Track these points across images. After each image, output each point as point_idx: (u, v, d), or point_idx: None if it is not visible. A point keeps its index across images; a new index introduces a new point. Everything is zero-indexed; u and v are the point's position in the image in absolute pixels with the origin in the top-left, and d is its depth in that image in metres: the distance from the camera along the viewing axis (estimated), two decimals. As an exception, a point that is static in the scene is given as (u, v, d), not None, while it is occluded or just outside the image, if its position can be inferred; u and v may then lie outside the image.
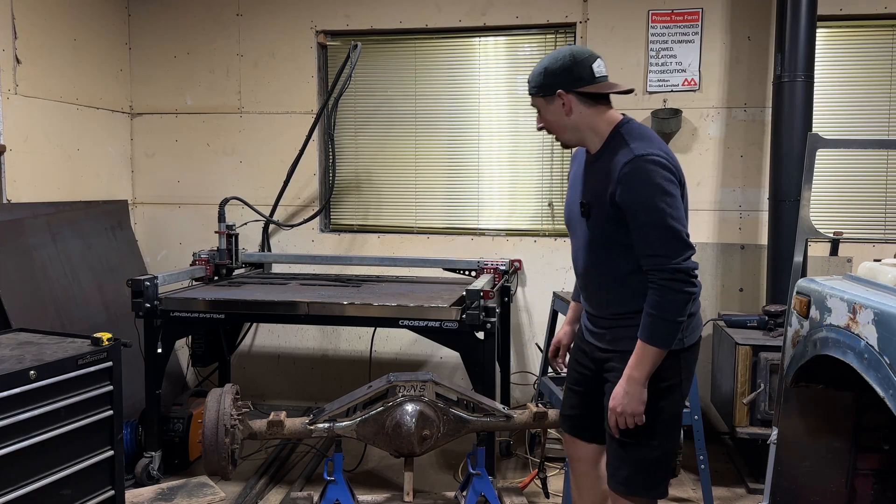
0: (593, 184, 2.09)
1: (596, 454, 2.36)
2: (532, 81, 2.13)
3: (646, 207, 1.95)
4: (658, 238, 1.95)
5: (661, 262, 1.95)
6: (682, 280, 1.94)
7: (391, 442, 3.03)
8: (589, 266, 2.18)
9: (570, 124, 2.11)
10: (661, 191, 1.95)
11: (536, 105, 2.14)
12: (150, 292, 3.49)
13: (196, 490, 3.47)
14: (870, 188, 4.26)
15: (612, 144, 2.07)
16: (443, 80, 4.68)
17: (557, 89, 2.06)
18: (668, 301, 1.95)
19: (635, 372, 1.99)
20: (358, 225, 4.87)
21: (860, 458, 2.34)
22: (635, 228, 1.98)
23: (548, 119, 2.14)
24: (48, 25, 4.18)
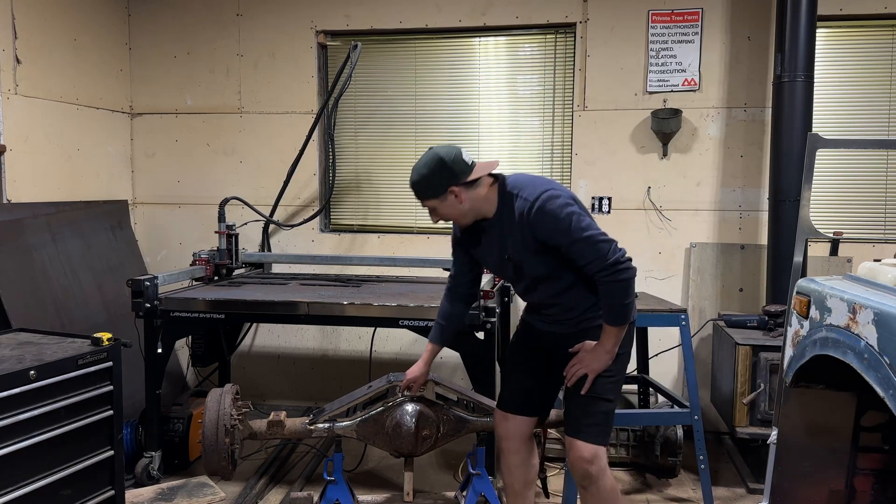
0: (510, 240, 2.39)
1: (527, 430, 2.68)
2: (420, 190, 2.42)
3: (561, 233, 2.28)
4: (583, 249, 2.28)
5: (597, 264, 2.27)
6: (618, 270, 2.27)
7: (391, 442, 3.03)
8: (544, 292, 2.47)
9: (465, 209, 2.41)
10: (563, 213, 2.28)
11: (430, 205, 2.44)
12: (150, 292, 3.49)
13: (196, 490, 3.47)
14: (870, 188, 4.26)
15: (506, 203, 2.38)
16: (443, 80, 4.68)
17: (448, 188, 2.37)
18: (616, 291, 2.30)
19: (609, 345, 2.38)
20: (358, 225, 4.87)
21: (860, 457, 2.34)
22: (564, 251, 2.31)
23: (445, 213, 2.43)
24: (48, 25, 4.18)
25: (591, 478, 2.44)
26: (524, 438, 2.69)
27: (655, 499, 3.54)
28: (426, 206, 2.45)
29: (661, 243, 4.42)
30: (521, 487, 2.73)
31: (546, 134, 4.58)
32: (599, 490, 2.46)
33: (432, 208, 2.44)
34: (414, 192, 2.44)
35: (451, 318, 2.78)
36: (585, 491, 2.50)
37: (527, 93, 4.61)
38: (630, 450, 3.82)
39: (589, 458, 2.42)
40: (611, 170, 4.43)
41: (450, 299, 2.77)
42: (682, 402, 3.45)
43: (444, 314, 2.79)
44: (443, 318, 2.79)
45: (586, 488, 2.48)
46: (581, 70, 4.42)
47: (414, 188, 2.43)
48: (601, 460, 2.44)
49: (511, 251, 2.40)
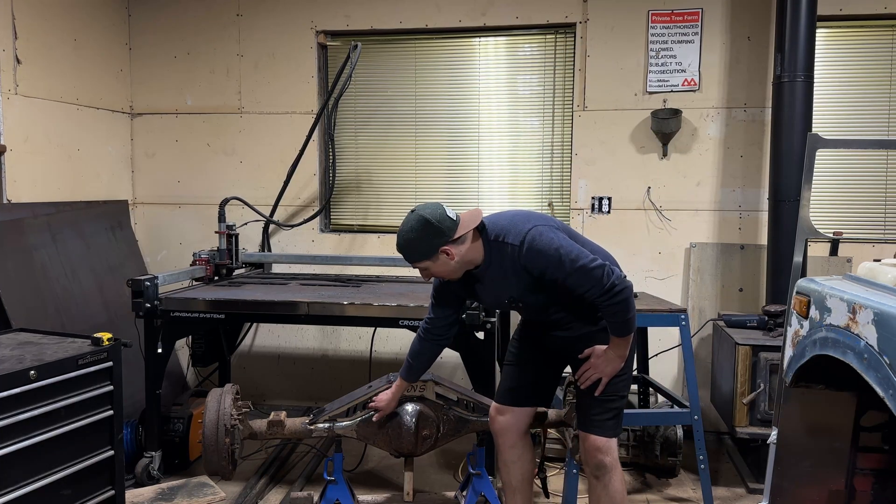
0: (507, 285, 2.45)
1: (524, 424, 2.73)
2: (411, 255, 2.40)
3: (555, 267, 2.32)
4: (579, 279, 2.32)
5: (595, 291, 2.32)
6: (616, 292, 2.32)
7: (391, 442, 3.03)
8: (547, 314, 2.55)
9: (456, 265, 2.41)
10: (552, 249, 2.32)
11: (422, 266, 2.42)
12: (151, 292, 3.49)
13: (196, 490, 3.47)
14: (870, 188, 4.26)
15: (494, 251, 2.41)
16: (443, 80, 4.68)
17: (439, 248, 2.35)
18: (617, 311, 2.36)
19: (618, 351, 2.44)
20: (358, 225, 4.87)
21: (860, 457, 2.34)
22: (561, 283, 2.35)
23: (438, 272, 2.44)
24: (48, 25, 4.18)
25: (605, 468, 2.52)
26: (520, 433, 2.72)
27: (655, 499, 3.54)
28: (417, 268, 2.44)
29: (661, 243, 4.42)
30: (519, 483, 2.75)
31: (546, 134, 4.58)
32: (612, 480, 2.54)
33: (424, 269, 2.43)
34: (404, 257, 2.42)
35: (421, 359, 2.79)
36: (598, 481, 2.55)
37: (527, 93, 4.61)
38: (630, 450, 3.82)
39: (604, 448, 2.51)
40: (611, 170, 4.43)
41: (421, 340, 2.75)
42: (682, 402, 3.45)
43: (414, 354, 2.78)
44: (412, 357, 2.79)
45: (599, 478, 2.54)
46: (581, 70, 4.42)
47: (403, 253, 2.41)
48: (614, 451, 2.54)
49: (512, 293, 2.48)
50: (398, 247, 2.40)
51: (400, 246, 2.40)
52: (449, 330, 2.74)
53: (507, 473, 2.76)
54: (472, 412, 3.11)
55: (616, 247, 4.45)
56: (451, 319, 2.72)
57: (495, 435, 2.76)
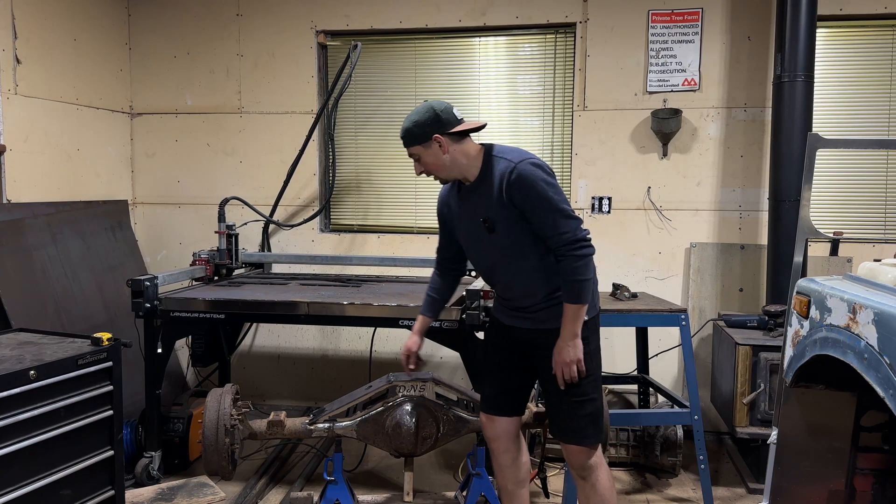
0: (487, 202, 2.43)
1: (514, 428, 2.71)
2: (408, 136, 2.46)
3: (539, 199, 2.35)
4: (556, 220, 2.35)
5: (565, 237, 2.35)
6: (583, 246, 2.36)
7: (391, 442, 3.04)
8: (509, 270, 2.51)
9: (448, 161, 2.45)
10: (544, 183, 2.36)
11: (415, 153, 2.47)
12: (150, 292, 3.48)
13: (196, 490, 3.47)
14: (870, 188, 4.26)
15: (489, 166, 2.44)
16: (443, 80, 4.68)
17: (433, 134, 2.42)
18: (579, 266, 2.36)
19: (573, 328, 2.40)
20: (358, 225, 4.87)
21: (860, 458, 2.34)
22: (536, 218, 2.37)
23: (427, 162, 2.46)
24: (48, 25, 4.18)
25: (590, 468, 2.52)
26: (512, 437, 2.72)
27: (655, 499, 3.54)
28: (412, 155, 2.48)
29: (661, 243, 4.42)
30: (514, 486, 2.75)
31: (546, 134, 4.58)
32: (599, 478, 2.53)
33: (416, 157, 2.47)
34: (403, 141, 2.47)
35: (441, 291, 2.82)
36: (585, 481, 2.54)
37: (527, 93, 4.62)
38: (630, 450, 3.83)
39: (586, 451, 2.51)
40: (611, 170, 4.43)
41: (439, 273, 2.82)
42: (682, 402, 3.45)
43: (435, 287, 2.82)
44: (434, 291, 2.82)
45: (585, 479, 2.54)
46: (581, 70, 4.42)
47: (403, 136, 2.47)
48: (598, 451, 2.54)
49: (487, 211, 2.44)
50: (401, 130, 2.47)
51: (402, 129, 2.46)
52: (459, 263, 2.78)
53: (502, 478, 2.76)
54: (472, 412, 3.11)
55: (616, 247, 4.47)
56: (459, 255, 2.74)
57: (488, 441, 2.77)
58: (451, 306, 3.32)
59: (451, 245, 2.73)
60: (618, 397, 4.38)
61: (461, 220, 2.58)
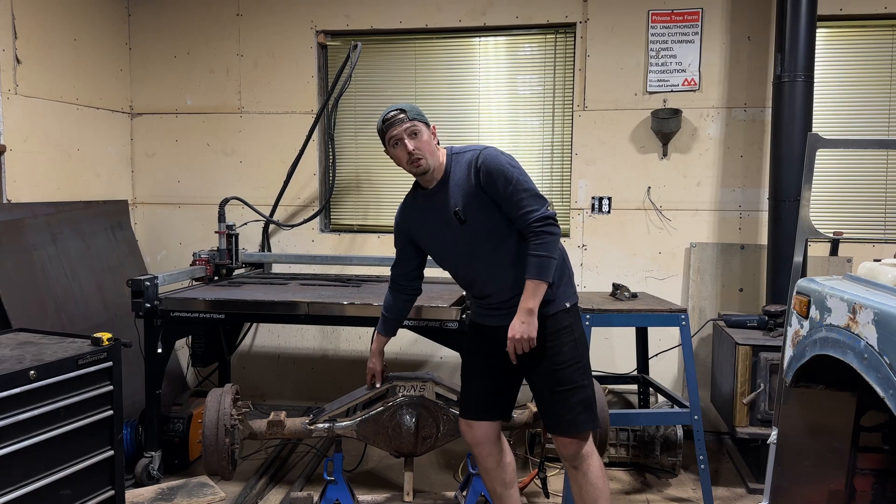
0: (456, 194, 2.51)
1: (494, 432, 2.71)
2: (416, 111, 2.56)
3: (506, 179, 2.43)
4: (523, 198, 2.43)
5: (533, 214, 2.41)
6: (551, 224, 2.43)
7: (391, 442, 3.04)
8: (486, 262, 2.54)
9: (434, 149, 2.56)
10: (509, 164, 2.47)
11: (418, 129, 2.52)
12: (150, 292, 3.49)
13: (196, 490, 3.47)
14: (870, 188, 4.26)
15: (454, 161, 2.56)
16: (443, 80, 4.68)
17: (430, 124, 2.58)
18: (546, 242, 2.41)
19: (530, 304, 2.42)
20: (358, 225, 4.87)
21: (860, 458, 2.34)
22: (505, 199, 2.44)
23: (424, 141, 2.53)
24: (48, 25, 4.18)
25: (581, 456, 2.53)
26: (493, 441, 2.71)
27: (655, 499, 3.54)
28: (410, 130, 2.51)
29: (661, 243, 4.42)
30: (503, 489, 2.75)
31: (546, 134, 4.58)
32: (590, 467, 2.55)
33: (417, 132, 2.51)
34: (406, 114, 2.51)
35: (395, 311, 2.89)
36: (577, 470, 2.55)
37: (527, 93, 4.62)
38: (630, 450, 3.83)
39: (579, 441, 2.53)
40: (611, 170, 4.43)
41: (392, 292, 2.87)
42: (682, 402, 3.45)
43: (389, 307, 2.89)
44: (388, 311, 2.89)
45: (577, 468, 2.54)
46: (581, 70, 4.42)
47: (409, 110, 2.53)
48: (590, 440, 2.56)
49: (457, 204, 2.50)
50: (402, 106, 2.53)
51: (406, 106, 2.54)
52: (414, 281, 2.86)
53: (489, 481, 2.76)
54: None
55: (616, 247, 4.47)
56: (414, 273, 2.83)
57: (471, 446, 2.76)
58: (451, 306, 3.33)
59: (409, 261, 2.79)
60: (618, 397, 4.38)
61: (428, 224, 2.63)
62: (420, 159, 2.52)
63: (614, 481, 3.71)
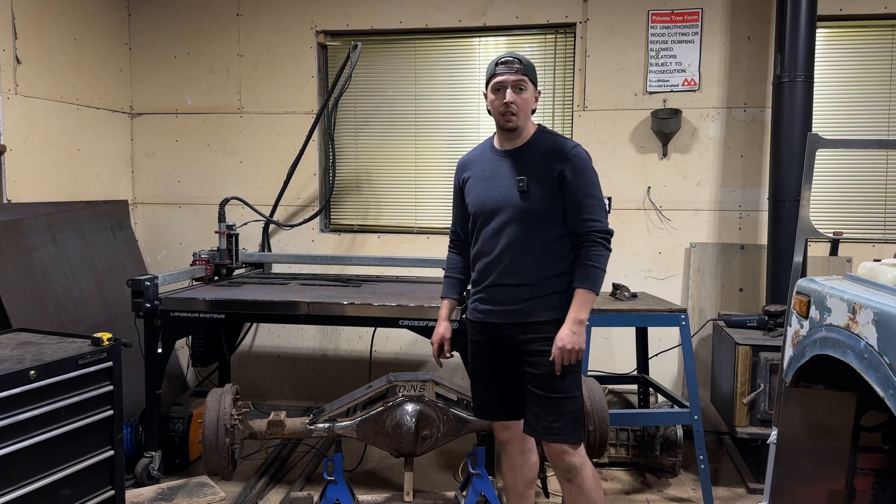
0: (531, 166, 2.51)
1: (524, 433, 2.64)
2: (531, 69, 2.55)
3: (590, 183, 2.48)
4: (595, 207, 2.47)
5: (598, 224, 2.45)
6: (609, 240, 2.48)
7: (391, 442, 3.04)
8: (517, 239, 2.50)
9: (529, 112, 2.55)
10: (594, 173, 2.52)
11: (525, 85, 2.51)
12: (150, 292, 3.49)
13: (196, 490, 3.47)
14: (870, 188, 4.26)
15: (542, 137, 2.56)
16: (443, 80, 4.68)
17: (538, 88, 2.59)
18: (602, 255, 2.45)
19: (581, 314, 2.42)
20: (358, 225, 4.87)
21: (860, 458, 2.34)
22: (579, 198, 2.46)
23: (526, 98, 2.52)
24: (48, 25, 4.18)
25: (575, 468, 2.49)
26: (523, 438, 2.68)
27: (655, 499, 3.54)
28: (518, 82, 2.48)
29: (661, 243, 4.42)
30: (525, 487, 2.73)
31: (546, 134, 4.58)
32: (584, 479, 2.50)
33: (524, 88, 2.49)
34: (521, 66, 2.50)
35: (456, 269, 2.78)
36: (570, 483, 2.51)
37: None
38: (630, 450, 3.83)
39: (570, 450, 2.48)
40: (611, 170, 4.42)
41: (452, 251, 2.80)
42: (682, 402, 3.45)
43: (456, 266, 2.78)
44: (455, 272, 2.78)
45: (571, 480, 2.51)
46: (581, 70, 4.42)
47: (525, 64, 2.51)
48: (581, 450, 2.51)
49: (528, 175, 2.48)
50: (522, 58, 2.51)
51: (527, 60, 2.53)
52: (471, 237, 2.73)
53: (512, 478, 2.73)
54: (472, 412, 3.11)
55: (616, 247, 4.44)
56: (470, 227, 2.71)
57: (502, 443, 2.72)
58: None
59: (465, 218, 2.68)
60: (618, 397, 4.38)
61: (486, 177, 2.58)
62: (514, 115, 2.49)
63: (614, 481, 3.71)
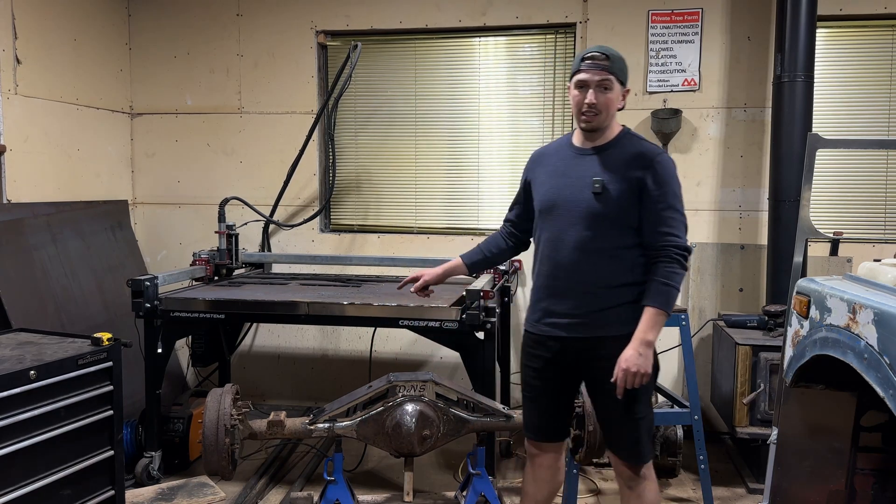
0: (610, 167, 2.36)
1: (559, 451, 2.62)
2: (619, 66, 2.36)
3: (672, 194, 2.32)
4: (675, 220, 2.31)
5: (676, 240, 2.29)
6: (686, 258, 2.31)
7: (391, 442, 3.03)
8: (584, 241, 2.36)
9: (613, 112, 2.38)
10: (678, 184, 2.36)
11: (610, 84, 2.33)
12: (150, 292, 3.49)
13: (196, 490, 3.47)
14: (870, 188, 4.26)
15: (626, 139, 2.40)
16: (443, 80, 4.68)
17: (627, 85, 2.40)
18: (678, 273, 2.28)
19: (649, 335, 2.28)
20: (358, 225, 4.87)
21: (860, 458, 2.34)
22: (659, 209, 2.30)
23: (610, 98, 2.35)
24: (48, 25, 4.18)
25: (638, 479, 2.42)
26: (555, 458, 2.62)
27: (655, 499, 3.54)
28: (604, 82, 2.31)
29: (661, 243, 4.41)
30: (544, 499, 2.65)
31: (546, 134, 4.58)
32: (646, 490, 2.43)
33: (609, 87, 2.32)
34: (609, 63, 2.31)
35: (493, 251, 2.71)
36: (630, 491, 2.44)
37: (527, 93, 4.61)
38: (630, 450, 3.82)
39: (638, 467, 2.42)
40: (611, 170, 4.42)
41: (504, 235, 2.71)
42: (682, 402, 3.45)
43: (491, 242, 2.72)
44: (487, 247, 2.71)
45: (632, 489, 2.44)
46: (581, 70, 4.41)
47: (614, 60, 2.33)
48: (650, 464, 2.44)
49: (605, 177, 2.34)
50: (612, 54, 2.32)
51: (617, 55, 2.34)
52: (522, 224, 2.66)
53: (535, 489, 2.63)
54: (472, 412, 3.11)
55: (616, 247, 4.46)
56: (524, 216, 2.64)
57: (532, 456, 2.64)
58: (451, 306, 3.33)
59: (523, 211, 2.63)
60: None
61: (558, 173, 2.44)
62: (595, 115, 2.34)
63: (614, 481, 3.70)
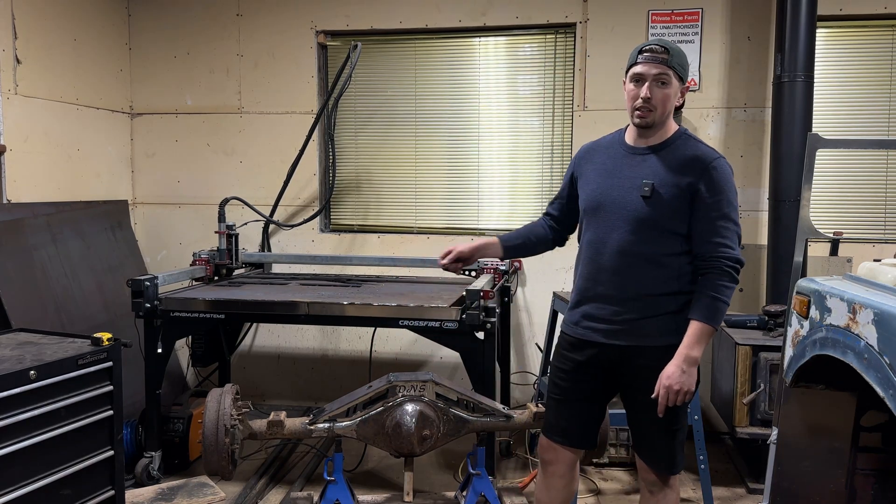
0: (662, 169, 2.25)
1: (575, 457, 2.52)
2: (679, 60, 2.23)
3: (728, 203, 2.22)
4: (729, 230, 2.20)
5: (729, 251, 2.18)
6: (738, 270, 2.19)
7: (391, 442, 3.03)
8: (629, 245, 2.26)
9: (670, 108, 2.26)
10: (735, 192, 2.26)
11: (668, 78, 2.21)
12: (150, 292, 3.49)
13: (196, 490, 3.47)
14: (870, 188, 4.26)
15: (682, 140, 2.28)
16: (443, 80, 4.68)
17: (686, 81, 2.28)
18: (728, 287, 2.18)
19: (694, 351, 2.20)
20: (358, 225, 4.87)
21: (860, 458, 2.34)
22: (712, 218, 2.20)
23: (667, 94, 2.23)
24: (48, 25, 4.18)
25: (663, 485, 2.38)
26: (571, 466, 2.52)
27: (655, 499, 3.54)
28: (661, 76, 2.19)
29: (661, 243, 4.41)
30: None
31: (546, 134, 4.58)
32: (667, 495, 2.38)
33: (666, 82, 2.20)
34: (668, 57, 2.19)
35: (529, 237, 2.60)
36: (652, 496, 2.41)
37: (527, 93, 4.61)
38: (630, 449, 3.82)
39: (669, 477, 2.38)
40: (611, 170, 4.42)
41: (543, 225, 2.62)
42: (682, 402, 3.44)
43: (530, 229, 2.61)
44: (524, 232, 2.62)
45: (654, 493, 2.40)
46: (581, 70, 4.42)
47: (675, 54, 2.20)
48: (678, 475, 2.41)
49: (656, 179, 2.23)
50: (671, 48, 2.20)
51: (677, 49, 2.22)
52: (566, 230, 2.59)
53: (548, 499, 2.56)
54: (472, 412, 3.11)
55: (616, 247, 4.46)
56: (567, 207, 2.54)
57: (545, 463, 2.54)
58: (451, 306, 3.33)
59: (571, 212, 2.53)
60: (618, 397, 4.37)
61: (607, 171, 2.33)
62: (650, 111, 2.22)
63: (614, 481, 3.71)
